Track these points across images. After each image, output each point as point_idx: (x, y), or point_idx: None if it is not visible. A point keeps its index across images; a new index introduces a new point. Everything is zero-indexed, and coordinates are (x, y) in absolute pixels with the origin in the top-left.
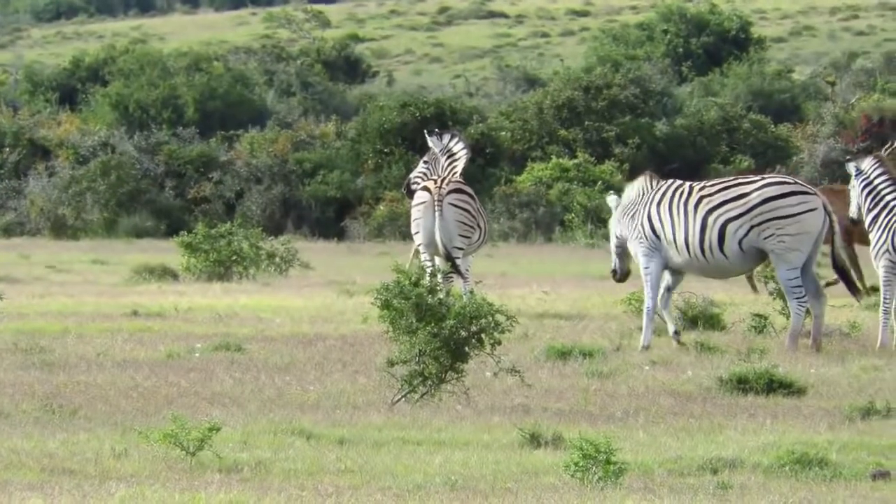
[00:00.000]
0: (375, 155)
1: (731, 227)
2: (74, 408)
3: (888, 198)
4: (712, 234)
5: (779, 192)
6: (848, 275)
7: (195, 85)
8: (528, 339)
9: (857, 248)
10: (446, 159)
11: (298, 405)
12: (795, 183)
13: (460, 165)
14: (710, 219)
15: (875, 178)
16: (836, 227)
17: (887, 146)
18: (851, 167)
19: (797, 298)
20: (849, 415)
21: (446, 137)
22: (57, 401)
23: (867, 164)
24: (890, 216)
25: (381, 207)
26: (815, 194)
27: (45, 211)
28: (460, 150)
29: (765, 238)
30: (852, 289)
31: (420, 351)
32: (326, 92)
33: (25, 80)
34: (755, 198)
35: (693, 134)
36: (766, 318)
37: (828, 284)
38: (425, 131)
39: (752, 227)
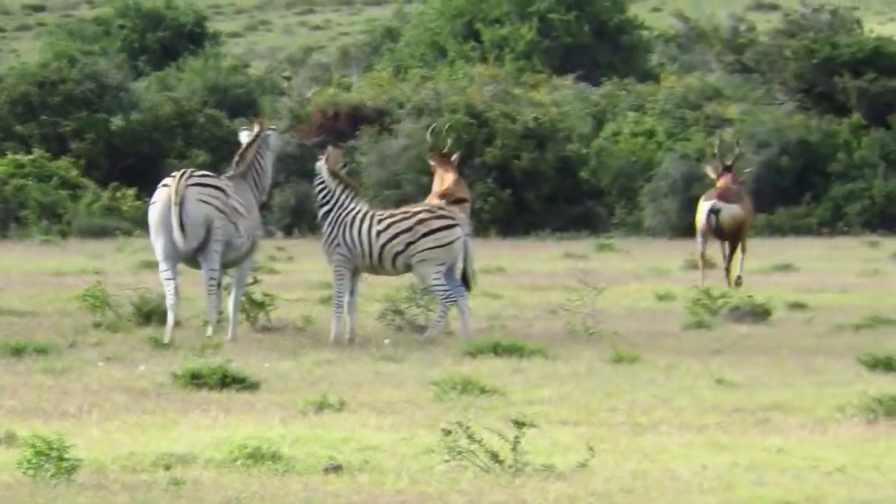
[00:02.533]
0: None
1: None
2: None
3: (337, 192)
4: None
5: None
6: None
7: None
8: None
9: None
10: None
11: None
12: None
13: None
14: None
15: (325, 174)
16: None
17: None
18: (318, 164)
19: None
20: (302, 409)
21: None
22: None
23: (322, 161)
24: (340, 211)
25: None
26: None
27: None
28: None
29: None
30: None
31: None
32: None
33: None
34: None
35: (149, 129)
36: (221, 313)
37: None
38: None
39: None
